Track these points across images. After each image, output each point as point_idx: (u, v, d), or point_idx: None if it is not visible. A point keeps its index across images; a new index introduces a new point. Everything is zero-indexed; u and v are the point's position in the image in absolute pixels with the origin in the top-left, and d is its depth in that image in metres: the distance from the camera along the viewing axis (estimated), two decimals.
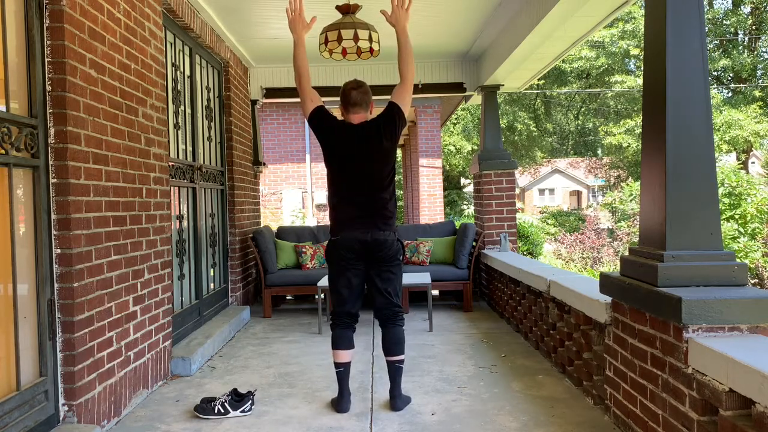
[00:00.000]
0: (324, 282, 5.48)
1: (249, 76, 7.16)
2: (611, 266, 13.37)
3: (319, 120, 3.43)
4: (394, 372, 3.46)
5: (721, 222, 10.64)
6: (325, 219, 12.55)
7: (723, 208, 11.16)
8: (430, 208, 12.82)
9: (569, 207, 38.78)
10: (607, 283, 3.11)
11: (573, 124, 24.90)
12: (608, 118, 22.32)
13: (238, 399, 3.42)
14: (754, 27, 20.35)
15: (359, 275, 3.45)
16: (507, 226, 6.70)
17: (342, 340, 3.46)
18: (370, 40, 4.28)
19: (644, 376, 2.75)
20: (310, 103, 3.43)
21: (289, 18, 3.47)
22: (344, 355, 3.46)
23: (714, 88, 20.63)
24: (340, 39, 4.23)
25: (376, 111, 3.44)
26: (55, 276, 2.90)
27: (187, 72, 5.18)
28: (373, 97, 3.58)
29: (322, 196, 12.60)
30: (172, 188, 4.51)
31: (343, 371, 3.45)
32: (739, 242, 10.75)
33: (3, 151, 2.58)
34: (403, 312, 3.52)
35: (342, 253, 3.38)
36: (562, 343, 4.04)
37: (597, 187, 42.01)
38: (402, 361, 3.48)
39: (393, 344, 3.45)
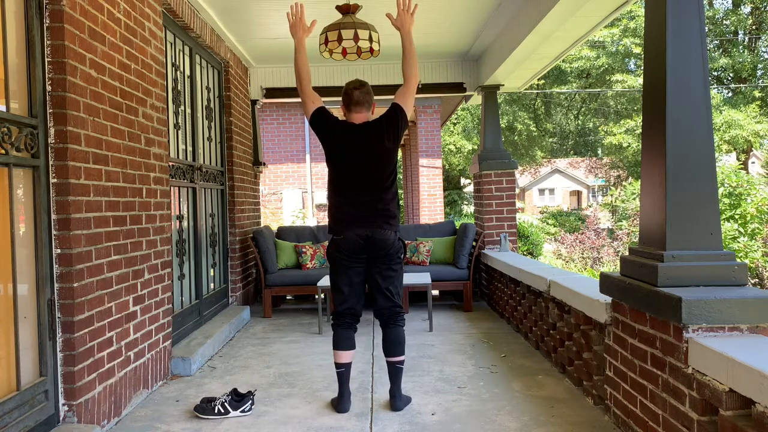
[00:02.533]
0: (324, 282, 5.48)
1: (249, 76, 7.16)
2: (611, 266, 13.37)
3: (321, 120, 3.44)
4: (395, 372, 3.46)
5: (721, 222, 10.64)
6: (325, 219, 12.55)
7: (723, 208, 11.15)
8: (430, 208, 12.82)
9: (569, 207, 38.80)
10: (607, 283, 3.11)
11: (573, 124, 24.89)
12: (608, 118, 22.31)
13: (238, 399, 3.42)
14: (754, 27, 20.34)
15: (360, 273, 3.45)
16: (507, 226, 6.70)
17: (343, 340, 3.46)
18: (370, 40, 4.29)
19: (644, 376, 2.75)
20: (311, 104, 3.45)
21: (290, 22, 3.51)
22: (345, 356, 3.46)
23: (714, 88, 20.63)
24: (340, 39, 4.24)
25: (378, 111, 3.45)
26: (55, 276, 2.90)
27: (187, 72, 5.18)
28: (374, 97, 3.58)
29: (322, 196, 12.60)
30: (172, 188, 4.51)
31: (344, 371, 3.45)
32: (739, 242, 10.74)
33: (3, 151, 2.58)
34: (403, 312, 3.52)
35: (344, 251, 3.39)
36: (562, 343, 4.04)
37: (597, 187, 42.02)
38: (402, 362, 3.48)
39: (393, 345, 3.45)
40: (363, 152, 3.36)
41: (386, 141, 3.36)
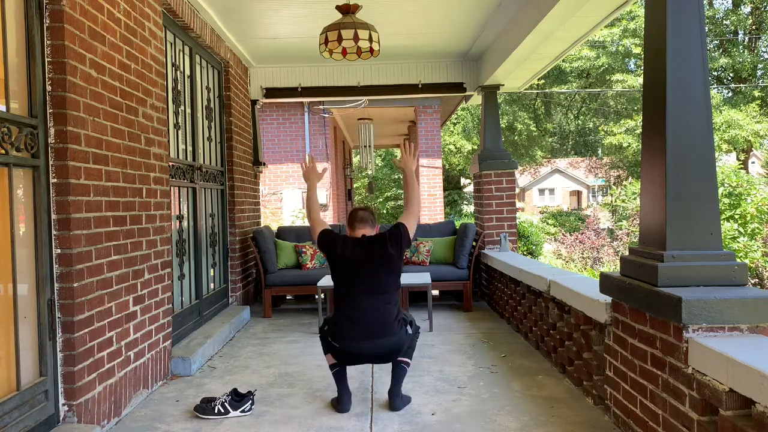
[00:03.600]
0: (324, 282, 5.49)
1: (249, 76, 7.16)
2: (611, 266, 13.36)
3: (327, 235, 3.58)
4: (398, 371, 3.48)
5: (721, 222, 10.63)
6: (325, 219, 12.53)
7: (723, 208, 11.14)
8: (430, 208, 12.82)
9: (569, 207, 38.80)
10: (607, 283, 3.11)
11: (573, 124, 24.88)
12: (608, 118, 22.31)
13: (238, 399, 3.42)
14: (754, 27, 20.34)
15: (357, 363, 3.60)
16: (507, 226, 6.70)
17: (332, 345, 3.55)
18: (370, 40, 4.29)
19: (644, 376, 2.75)
20: (318, 227, 3.64)
21: (303, 171, 3.79)
22: None
23: (714, 88, 20.62)
24: (340, 39, 4.23)
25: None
26: (55, 276, 2.90)
27: (187, 72, 5.18)
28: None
29: (322, 195, 12.59)
30: (172, 188, 4.50)
31: (339, 370, 3.48)
32: (739, 242, 10.73)
33: (3, 151, 2.58)
34: (419, 328, 3.63)
35: (344, 357, 3.46)
36: (562, 343, 4.04)
37: (597, 187, 42.02)
38: (408, 363, 3.52)
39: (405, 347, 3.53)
40: (366, 256, 3.44)
41: (389, 247, 3.45)
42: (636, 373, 2.84)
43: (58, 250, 2.91)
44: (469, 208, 22.82)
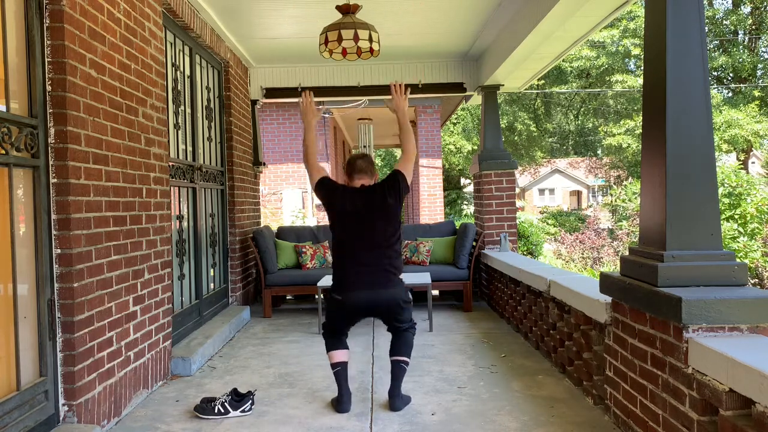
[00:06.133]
0: (324, 282, 5.48)
1: (249, 76, 7.16)
2: (611, 266, 13.36)
3: (325, 184, 3.57)
4: (397, 371, 3.48)
5: (721, 222, 10.63)
6: (325, 219, 12.54)
7: (723, 208, 11.14)
8: (430, 208, 12.82)
9: (569, 207, 38.80)
10: (607, 283, 3.11)
11: (573, 124, 24.88)
12: (608, 118, 22.30)
13: (238, 399, 3.42)
14: (754, 27, 20.34)
15: (358, 318, 3.61)
16: (507, 226, 6.70)
17: (335, 342, 3.58)
18: (370, 40, 4.29)
19: (644, 376, 2.75)
20: (316, 173, 3.61)
21: (301, 108, 3.69)
22: (340, 355, 3.52)
23: (714, 88, 20.62)
24: (340, 39, 4.24)
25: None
26: (55, 276, 2.90)
27: (187, 72, 5.18)
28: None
29: None
30: (172, 188, 4.51)
31: (340, 370, 3.48)
32: (738, 242, 10.73)
33: (3, 151, 2.58)
34: (414, 324, 3.62)
35: (344, 310, 3.48)
36: (562, 343, 4.04)
37: (597, 187, 42.02)
38: (407, 363, 3.52)
39: (401, 345, 3.54)
40: (366, 208, 3.43)
41: (388, 197, 3.44)
42: (636, 373, 2.84)
43: (58, 250, 2.91)
44: (469, 208, 22.83)
